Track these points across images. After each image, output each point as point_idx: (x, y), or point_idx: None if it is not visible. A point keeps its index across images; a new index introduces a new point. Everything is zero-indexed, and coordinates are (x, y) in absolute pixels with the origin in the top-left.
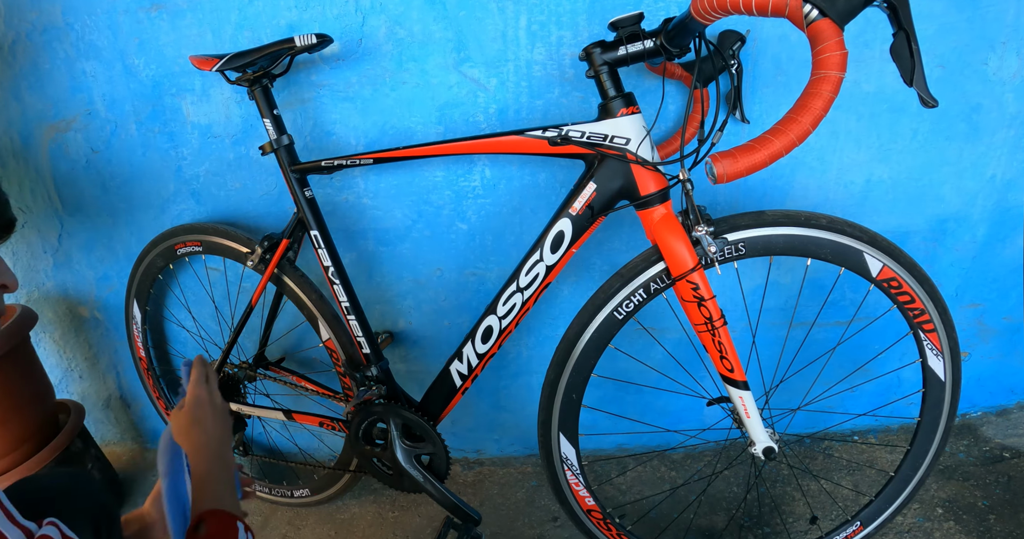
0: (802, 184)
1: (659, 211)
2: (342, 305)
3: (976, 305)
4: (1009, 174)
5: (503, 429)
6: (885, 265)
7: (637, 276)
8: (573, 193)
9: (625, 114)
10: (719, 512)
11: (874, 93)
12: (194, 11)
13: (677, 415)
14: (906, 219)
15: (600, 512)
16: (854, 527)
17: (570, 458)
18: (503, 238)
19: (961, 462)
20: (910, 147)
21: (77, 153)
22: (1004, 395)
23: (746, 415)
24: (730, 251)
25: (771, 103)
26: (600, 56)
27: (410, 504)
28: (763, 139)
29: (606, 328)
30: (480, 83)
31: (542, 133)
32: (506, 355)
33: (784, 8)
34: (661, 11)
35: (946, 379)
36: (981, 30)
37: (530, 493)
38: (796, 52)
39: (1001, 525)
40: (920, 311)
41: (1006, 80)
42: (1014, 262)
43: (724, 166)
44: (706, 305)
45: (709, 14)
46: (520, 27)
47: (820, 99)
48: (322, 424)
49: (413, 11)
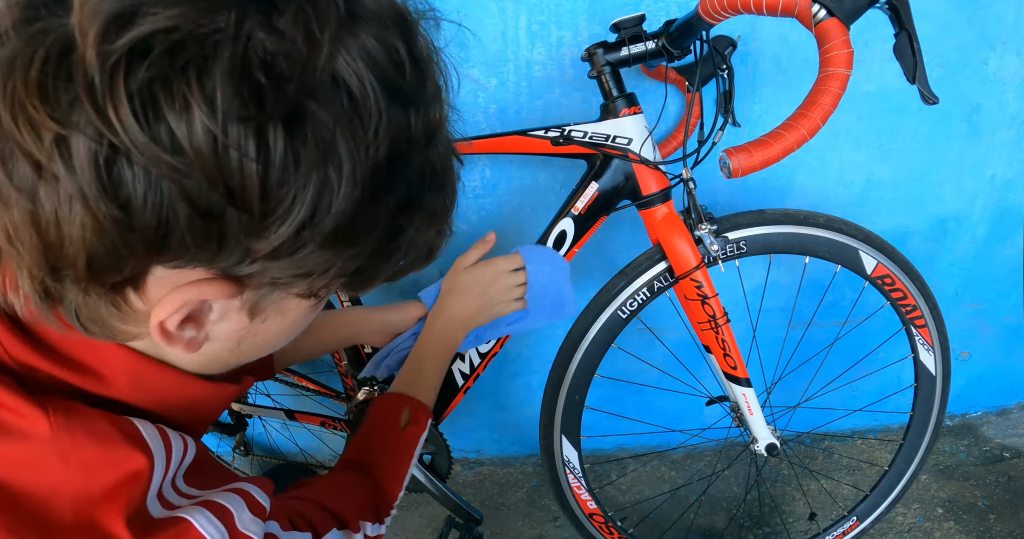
0: (802, 184)
1: (661, 210)
2: (345, 305)
3: (976, 305)
4: (1009, 174)
5: (503, 429)
6: (879, 262)
7: (640, 275)
8: (575, 193)
9: (628, 114)
10: (719, 512)
11: (874, 93)
12: None
13: (677, 415)
14: (906, 219)
15: (602, 515)
16: (850, 522)
17: (572, 461)
18: (504, 238)
19: (961, 462)
20: (910, 147)
21: None
22: (1004, 395)
23: (749, 412)
24: (732, 249)
25: (771, 102)
26: (603, 57)
27: (410, 504)
28: (776, 134)
29: (610, 328)
30: (480, 83)
31: (544, 133)
32: (506, 355)
33: (794, 8)
34: (661, 12)
35: (937, 374)
36: (981, 30)
37: (530, 493)
38: (796, 52)
39: (1001, 525)
40: (912, 307)
41: (1006, 80)
42: (1014, 262)
43: (739, 160)
44: (709, 303)
45: (718, 14)
46: (520, 27)
47: (829, 95)
48: (324, 424)
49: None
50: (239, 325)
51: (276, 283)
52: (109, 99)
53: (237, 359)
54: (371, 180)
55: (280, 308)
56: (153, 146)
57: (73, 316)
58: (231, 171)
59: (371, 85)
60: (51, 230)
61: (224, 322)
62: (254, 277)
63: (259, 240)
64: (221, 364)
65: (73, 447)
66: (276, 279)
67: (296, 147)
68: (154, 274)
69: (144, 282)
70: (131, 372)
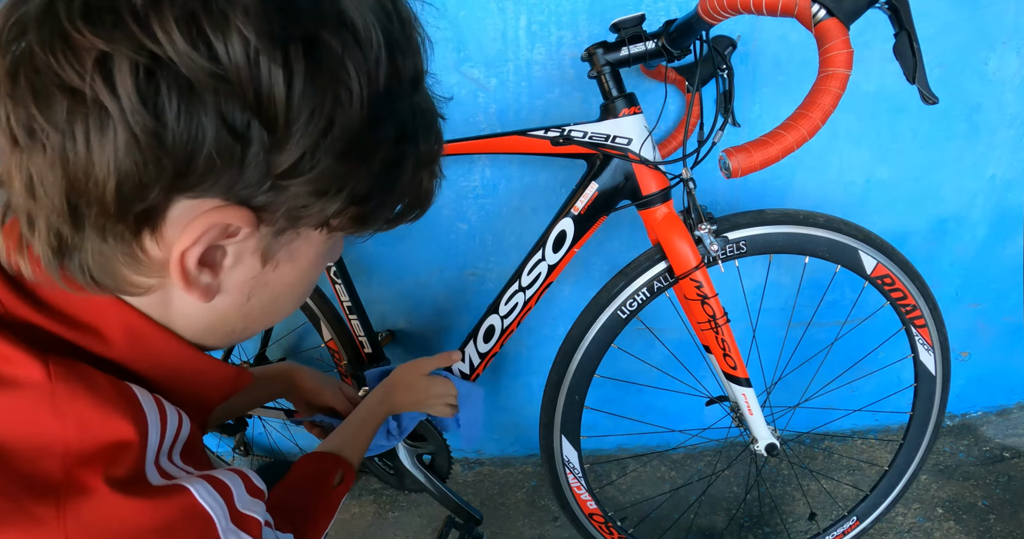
0: (802, 184)
1: (661, 210)
2: (344, 305)
3: (976, 305)
4: (1009, 174)
5: (503, 429)
6: (879, 262)
7: (640, 275)
8: (575, 193)
9: (627, 114)
10: (719, 512)
11: (874, 93)
12: None
13: (677, 415)
14: (906, 219)
15: (602, 515)
16: (851, 522)
17: (572, 461)
18: (503, 238)
19: (961, 462)
20: (910, 147)
21: None
22: (1004, 395)
23: (749, 412)
24: (732, 249)
25: (771, 102)
26: (603, 57)
27: (410, 504)
28: (775, 134)
29: (610, 328)
30: (480, 83)
31: (544, 133)
32: (506, 355)
33: (793, 8)
34: (661, 12)
35: (937, 373)
36: (981, 30)
37: (530, 493)
38: (796, 52)
39: (1001, 525)
40: (912, 307)
41: (1006, 80)
42: (1014, 262)
43: (739, 160)
44: (709, 303)
45: (718, 14)
46: (520, 27)
47: (829, 95)
48: None
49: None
50: (251, 272)
51: (291, 213)
52: (154, 15)
53: (243, 321)
54: (374, 102)
55: (291, 252)
56: (194, 53)
57: (82, 271)
58: (260, 81)
59: (371, 24)
60: (80, 163)
61: (237, 269)
62: (271, 205)
63: (280, 154)
64: (225, 327)
65: (70, 400)
66: (292, 207)
67: (312, 66)
68: (173, 210)
69: (163, 220)
70: (129, 328)
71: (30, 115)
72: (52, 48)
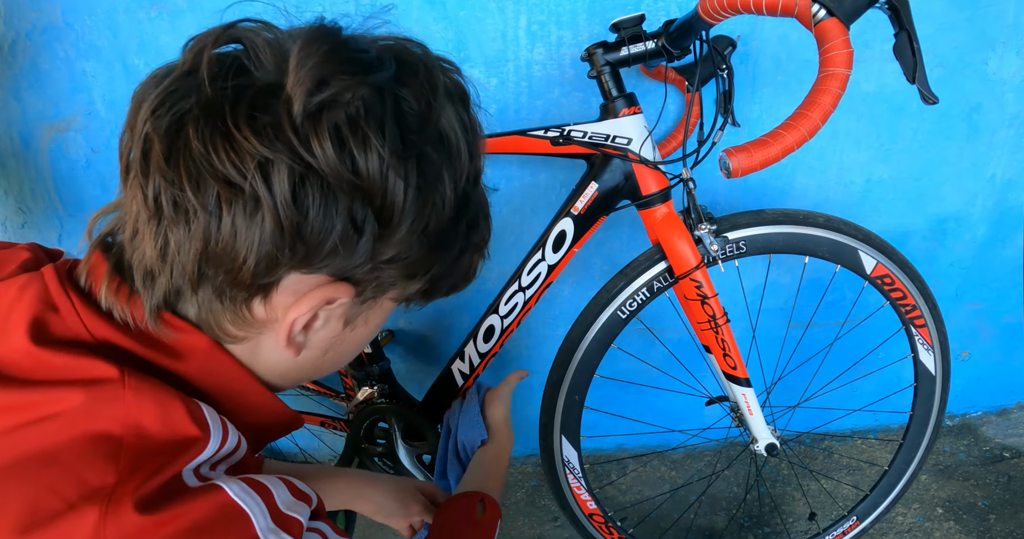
0: (802, 184)
1: (661, 210)
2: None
3: (976, 305)
4: (1009, 174)
5: None
6: (879, 262)
7: (640, 275)
8: (575, 193)
9: (627, 114)
10: (719, 512)
11: (874, 93)
12: (194, 11)
13: (677, 415)
14: (906, 219)
15: (602, 515)
16: (850, 522)
17: (572, 461)
18: (503, 238)
19: (961, 462)
20: (910, 147)
21: (77, 153)
22: (1004, 395)
23: (749, 412)
24: (731, 249)
25: (771, 102)
26: (603, 56)
27: None
28: (775, 134)
29: (610, 327)
30: (480, 83)
31: (544, 133)
32: (505, 356)
33: (793, 8)
34: (661, 12)
35: (936, 373)
36: (981, 30)
37: (530, 493)
38: (796, 52)
39: (1001, 525)
40: (912, 307)
41: (1006, 80)
42: (1014, 262)
43: (739, 160)
44: (709, 303)
45: (717, 14)
46: (520, 27)
47: (829, 95)
48: (323, 424)
49: (413, 11)
50: (334, 333)
51: (379, 288)
52: (313, 133)
53: (315, 369)
54: (457, 203)
55: (367, 317)
56: (341, 166)
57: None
58: (387, 190)
59: (459, 138)
60: (223, 241)
61: (324, 329)
62: (365, 281)
63: (386, 245)
64: (299, 374)
65: (138, 405)
66: (382, 284)
67: (420, 177)
68: (286, 281)
69: (275, 289)
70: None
71: (183, 195)
72: (214, 144)
